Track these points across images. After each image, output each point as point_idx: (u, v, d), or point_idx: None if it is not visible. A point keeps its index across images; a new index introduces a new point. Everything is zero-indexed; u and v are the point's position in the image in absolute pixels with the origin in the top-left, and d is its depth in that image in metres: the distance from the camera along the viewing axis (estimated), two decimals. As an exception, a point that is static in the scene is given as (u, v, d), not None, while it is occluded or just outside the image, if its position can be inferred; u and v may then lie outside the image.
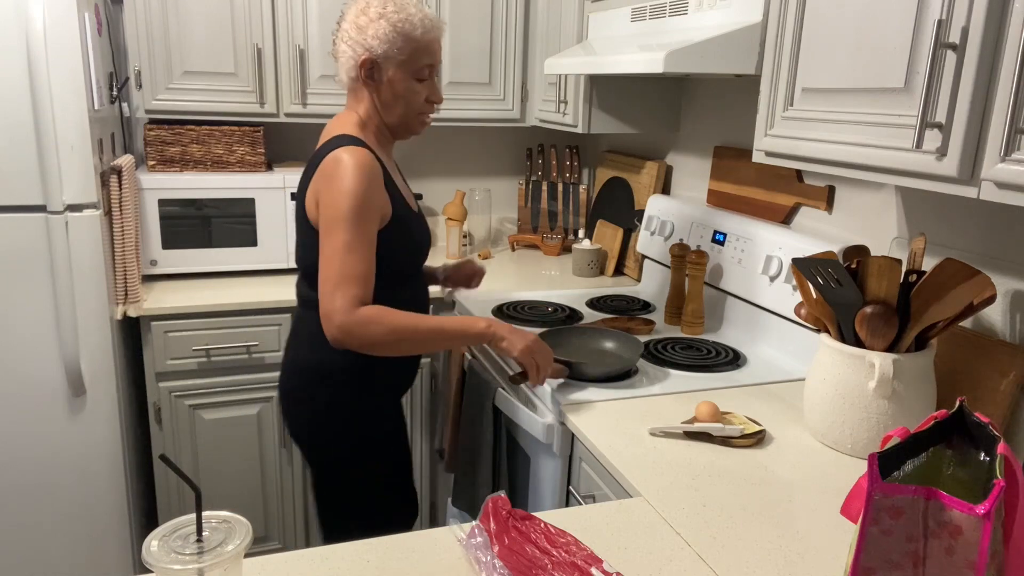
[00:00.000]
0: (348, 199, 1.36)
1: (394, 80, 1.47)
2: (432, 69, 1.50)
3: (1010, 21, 0.98)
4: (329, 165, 1.40)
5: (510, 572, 0.96)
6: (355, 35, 1.45)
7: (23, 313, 1.89)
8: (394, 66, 1.46)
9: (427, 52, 1.47)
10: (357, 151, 1.40)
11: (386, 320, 1.37)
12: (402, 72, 1.47)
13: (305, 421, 1.56)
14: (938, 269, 1.24)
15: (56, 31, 1.77)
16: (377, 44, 1.43)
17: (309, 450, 1.59)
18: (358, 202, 1.37)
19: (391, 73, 1.46)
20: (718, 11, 1.61)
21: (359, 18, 1.45)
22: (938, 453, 0.91)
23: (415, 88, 1.49)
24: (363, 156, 1.39)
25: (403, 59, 1.46)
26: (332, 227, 1.37)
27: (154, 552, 0.78)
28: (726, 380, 1.67)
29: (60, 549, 2.04)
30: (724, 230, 2.03)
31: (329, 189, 1.38)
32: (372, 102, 1.50)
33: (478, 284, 1.86)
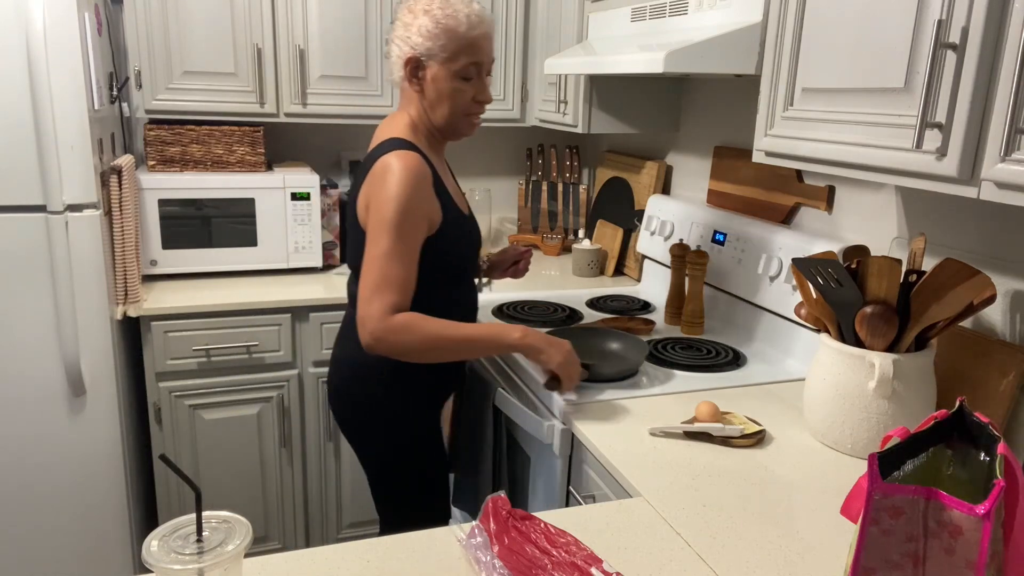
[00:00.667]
0: (394, 205, 1.35)
1: (438, 79, 1.43)
2: (479, 68, 1.45)
3: (1010, 21, 0.98)
4: (379, 170, 1.38)
5: (510, 572, 0.96)
6: (401, 32, 1.42)
7: (23, 313, 1.89)
8: (437, 64, 1.42)
9: (472, 49, 1.42)
10: (407, 156, 1.38)
11: (418, 328, 1.36)
12: (445, 70, 1.42)
13: (349, 416, 1.59)
14: (938, 269, 1.24)
15: (56, 31, 1.77)
16: (420, 41, 1.40)
17: (354, 444, 1.62)
18: (404, 209, 1.36)
19: (435, 71, 1.43)
20: (718, 11, 1.61)
21: (405, 15, 1.42)
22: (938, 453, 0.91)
23: (460, 87, 1.44)
24: (412, 161, 1.37)
25: (446, 56, 1.41)
26: (376, 233, 1.36)
27: (154, 552, 0.78)
28: (726, 380, 1.67)
29: (60, 549, 2.04)
30: (724, 230, 2.03)
31: (377, 195, 1.37)
32: (420, 104, 1.47)
33: (526, 267, 1.83)
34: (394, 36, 1.45)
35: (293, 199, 2.40)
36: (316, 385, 2.35)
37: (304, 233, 2.44)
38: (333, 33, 2.41)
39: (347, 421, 1.60)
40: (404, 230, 1.36)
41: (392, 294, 1.35)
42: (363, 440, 1.59)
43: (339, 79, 2.46)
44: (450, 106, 1.45)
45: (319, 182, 2.44)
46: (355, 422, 1.58)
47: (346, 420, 1.60)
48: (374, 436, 1.58)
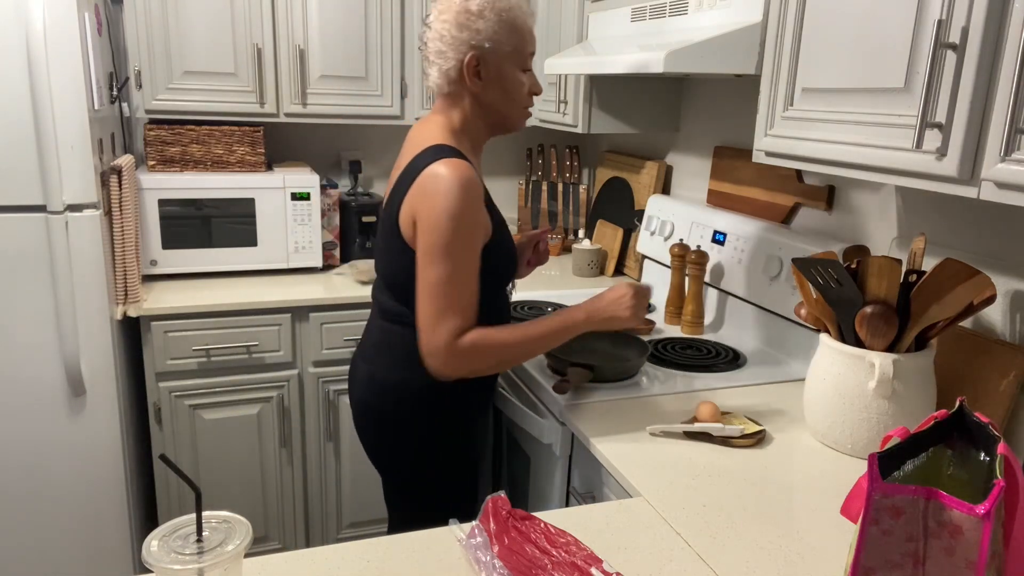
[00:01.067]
0: (451, 223, 1.28)
1: (503, 75, 1.39)
2: (533, 59, 1.44)
3: (1010, 21, 0.98)
4: (429, 182, 1.30)
5: (510, 572, 0.96)
6: (456, 33, 1.35)
7: (23, 313, 1.89)
8: (501, 60, 1.38)
9: (531, 40, 1.41)
10: (458, 165, 1.30)
11: (488, 346, 1.33)
12: (509, 65, 1.39)
13: (381, 434, 1.50)
14: (938, 269, 1.24)
15: (56, 31, 1.77)
16: (484, 39, 1.36)
17: (381, 463, 1.54)
18: (459, 226, 1.28)
19: (499, 68, 1.39)
20: (718, 11, 1.61)
21: (460, 15, 1.35)
22: (938, 453, 0.91)
23: (522, 79, 1.42)
24: (464, 171, 1.30)
25: (509, 51, 1.38)
26: (434, 255, 1.29)
27: (154, 552, 0.78)
28: (726, 380, 1.67)
29: (60, 549, 2.04)
30: (724, 230, 2.03)
31: (430, 210, 1.29)
32: (473, 103, 1.41)
33: (547, 248, 1.71)
34: (444, 38, 1.37)
35: (293, 199, 2.40)
36: (316, 385, 2.35)
37: (304, 233, 2.44)
38: (333, 33, 2.41)
39: (378, 440, 1.51)
40: (464, 249, 1.30)
41: (455, 319, 1.30)
42: (392, 459, 1.51)
43: (339, 79, 2.46)
44: (514, 100, 1.42)
45: (319, 182, 2.44)
46: (387, 441, 1.49)
47: (376, 439, 1.51)
48: (405, 456, 1.49)
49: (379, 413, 1.48)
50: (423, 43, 1.42)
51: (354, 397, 1.54)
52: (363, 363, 1.52)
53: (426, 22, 1.42)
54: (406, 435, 1.47)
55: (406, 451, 1.48)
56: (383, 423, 1.48)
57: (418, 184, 1.32)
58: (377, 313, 1.51)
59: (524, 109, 1.45)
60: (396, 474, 1.53)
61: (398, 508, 1.58)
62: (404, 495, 1.55)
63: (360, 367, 1.53)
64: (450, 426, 1.47)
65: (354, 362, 1.57)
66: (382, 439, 1.50)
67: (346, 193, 2.69)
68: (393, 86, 2.52)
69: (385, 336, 1.47)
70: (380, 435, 1.50)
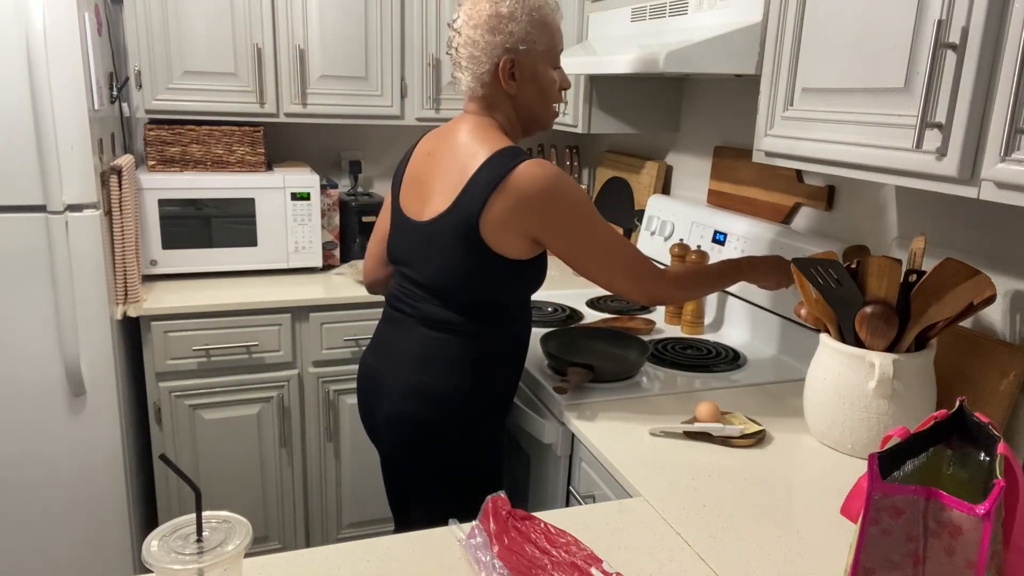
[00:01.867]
0: (584, 210, 1.36)
1: (537, 74, 1.40)
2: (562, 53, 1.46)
3: (1010, 21, 0.98)
4: (527, 184, 1.30)
5: (510, 572, 0.96)
6: (490, 38, 1.35)
7: (23, 313, 1.89)
8: (536, 60, 1.39)
9: (560, 36, 1.42)
10: (543, 163, 1.33)
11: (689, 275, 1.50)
12: (543, 64, 1.40)
13: (424, 445, 1.45)
14: (938, 269, 1.24)
15: (56, 31, 1.77)
16: (518, 41, 1.36)
17: (408, 470, 1.50)
18: (589, 207, 1.37)
19: (534, 68, 1.39)
20: (718, 11, 1.61)
21: (492, 20, 1.34)
22: (938, 453, 0.91)
23: (554, 77, 1.43)
24: (547, 164, 1.34)
25: (543, 50, 1.39)
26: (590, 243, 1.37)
27: (154, 552, 0.78)
28: (726, 380, 1.67)
29: (60, 549, 2.04)
30: (724, 230, 2.03)
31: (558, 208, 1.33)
32: (509, 104, 1.42)
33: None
34: (476, 42, 1.36)
35: (293, 199, 2.40)
36: (316, 385, 2.35)
37: (304, 233, 2.44)
38: (333, 33, 2.41)
39: (420, 448, 1.45)
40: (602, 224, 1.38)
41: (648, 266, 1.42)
42: (435, 466, 1.46)
43: (339, 79, 2.46)
44: (547, 98, 1.44)
45: (319, 182, 2.44)
46: (432, 449, 1.45)
47: (420, 448, 1.45)
48: (448, 462, 1.46)
49: (427, 423, 1.43)
50: (453, 48, 1.41)
51: (385, 408, 1.47)
52: (402, 372, 1.45)
53: (454, 27, 1.41)
54: (452, 441, 1.43)
55: (449, 457, 1.44)
56: (429, 431, 1.43)
57: (515, 190, 1.30)
58: (417, 322, 1.44)
59: (553, 106, 1.46)
60: (434, 479, 1.47)
61: (424, 510, 1.51)
62: (433, 499, 1.49)
63: (396, 377, 1.45)
64: (491, 429, 1.48)
65: (380, 372, 1.50)
66: (426, 447, 1.44)
67: (346, 193, 2.69)
68: (393, 86, 2.52)
69: (433, 345, 1.42)
70: (424, 444, 1.44)
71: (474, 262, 1.35)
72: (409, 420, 1.43)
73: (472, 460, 1.47)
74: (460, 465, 1.46)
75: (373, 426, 1.55)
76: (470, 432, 1.45)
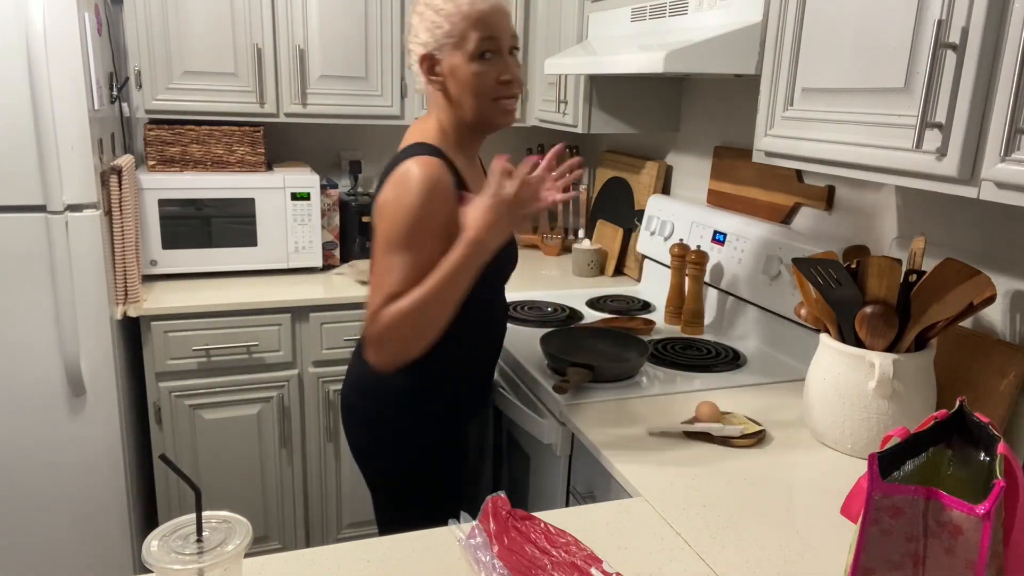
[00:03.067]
0: (408, 218, 1.25)
1: (455, 68, 1.32)
2: (496, 43, 1.31)
3: (1010, 21, 0.98)
4: (396, 176, 1.30)
5: (509, 572, 0.96)
6: (411, 35, 1.36)
7: (23, 313, 1.89)
8: (448, 52, 1.32)
9: (481, 24, 1.30)
10: (428, 162, 1.28)
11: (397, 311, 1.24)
12: (459, 55, 1.31)
13: (356, 435, 1.50)
14: (938, 269, 1.24)
15: (56, 31, 1.77)
16: (428, 35, 1.33)
17: (361, 464, 1.54)
18: (415, 219, 1.25)
19: (450, 61, 1.32)
20: (718, 11, 1.61)
21: (412, 16, 1.36)
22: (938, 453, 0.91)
23: (479, 69, 1.31)
24: (432, 168, 1.27)
25: (455, 41, 1.31)
26: (385, 245, 1.27)
27: (154, 552, 0.78)
28: (726, 380, 1.67)
29: (60, 549, 2.04)
30: (724, 230, 2.03)
31: (393, 202, 1.28)
32: (445, 102, 1.37)
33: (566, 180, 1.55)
34: (407, 42, 1.39)
35: (293, 199, 2.40)
36: (316, 385, 2.35)
37: (304, 233, 2.44)
38: (333, 33, 2.41)
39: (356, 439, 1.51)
40: (414, 242, 1.26)
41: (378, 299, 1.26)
42: (370, 461, 1.51)
43: (339, 79, 2.46)
44: (474, 93, 1.33)
45: (319, 182, 2.44)
46: (364, 440, 1.50)
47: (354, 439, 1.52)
48: (383, 457, 1.49)
49: (350, 408, 1.51)
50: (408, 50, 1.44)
51: (343, 401, 1.55)
52: (349, 365, 1.54)
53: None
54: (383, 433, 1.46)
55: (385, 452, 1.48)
56: (354, 417, 1.50)
57: (389, 178, 1.31)
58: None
59: (495, 102, 1.34)
60: (378, 479, 1.52)
61: (376, 507, 1.58)
62: (378, 492, 1.54)
63: (348, 369, 1.55)
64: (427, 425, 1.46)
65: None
66: (353, 432, 1.52)
67: (346, 193, 2.69)
68: (393, 86, 2.52)
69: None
70: (351, 428, 1.52)
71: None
72: (343, 403, 1.53)
73: (414, 467, 1.47)
74: (402, 471, 1.47)
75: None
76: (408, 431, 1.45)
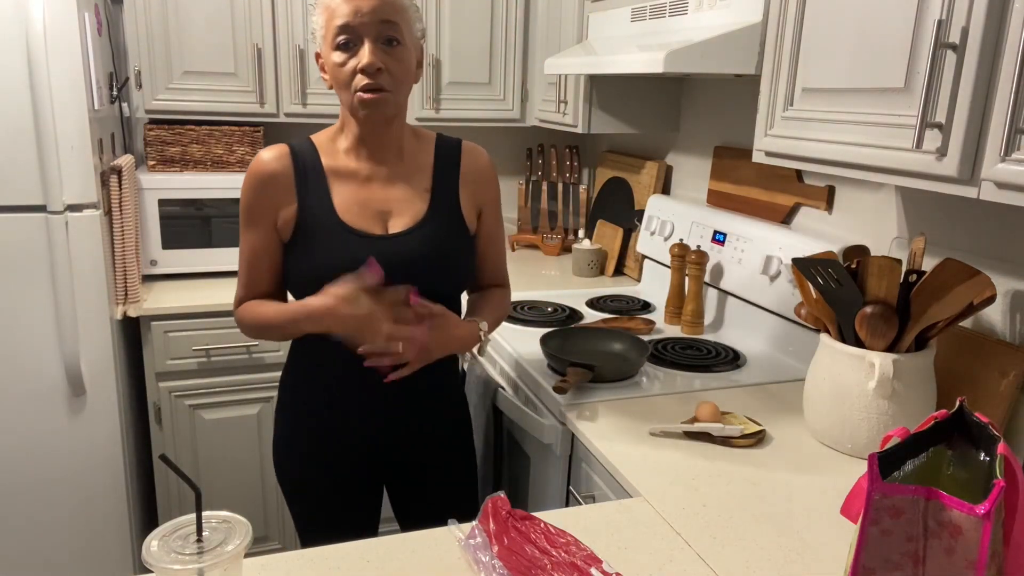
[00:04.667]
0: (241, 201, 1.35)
1: (326, 60, 1.29)
2: (351, 31, 1.23)
3: (1010, 21, 0.98)
4: None
5: (509, 572, 0.96)
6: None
7: (23, 313, 1.89)
8: (324, 45, 1.28)
9: (337, 13, 1.24)
10: (266, 149, 1.34)
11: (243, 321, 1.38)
12: (326, 47, 1.28)
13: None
14: (938, 269, 1.24)
15: (56, 31, 1.77)
16: (315, 32, 1.31)
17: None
18: (242, 204, 1.34)
19: (324, 54, 1.29)
20: (718, 11, 1.61)
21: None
22: (938, 453, 0.91)
23: (336, 60, 1.26)
24: (263, 154, 1.33)
25: (323, 33, 1.28)
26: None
27: (154, 552, 0.78)
28: (726, 380, 1.67)
29: (60, 549, 2.04)
30: (724, 230, 2.03)
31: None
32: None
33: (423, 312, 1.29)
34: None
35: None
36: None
37: (304, 233, 2.44)
38: (333, 33, 2.41)
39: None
40: (243, 226, 1.35)
41: (238, 289, 1.40)
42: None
43: (339, 79, 2.46)
44: (338, 84, 1.28)
45: (319, 182, 2.44)
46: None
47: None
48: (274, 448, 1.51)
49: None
50: None
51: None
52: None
53: None
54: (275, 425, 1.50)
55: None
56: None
57: None
58: None
59: (355, 93, 1.26)
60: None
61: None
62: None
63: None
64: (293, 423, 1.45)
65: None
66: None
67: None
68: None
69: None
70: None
71: None
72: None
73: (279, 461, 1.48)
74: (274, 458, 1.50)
75: None
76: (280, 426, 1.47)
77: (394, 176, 1.37)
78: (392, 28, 1.25)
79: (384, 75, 1.25)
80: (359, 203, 1.33)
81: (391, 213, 1.35)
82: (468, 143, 1.44)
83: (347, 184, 1.34)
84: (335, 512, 1.45)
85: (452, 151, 1.42)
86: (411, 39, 1.30)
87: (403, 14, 1.27)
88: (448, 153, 1.41)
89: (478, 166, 1.42)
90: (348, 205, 1.32)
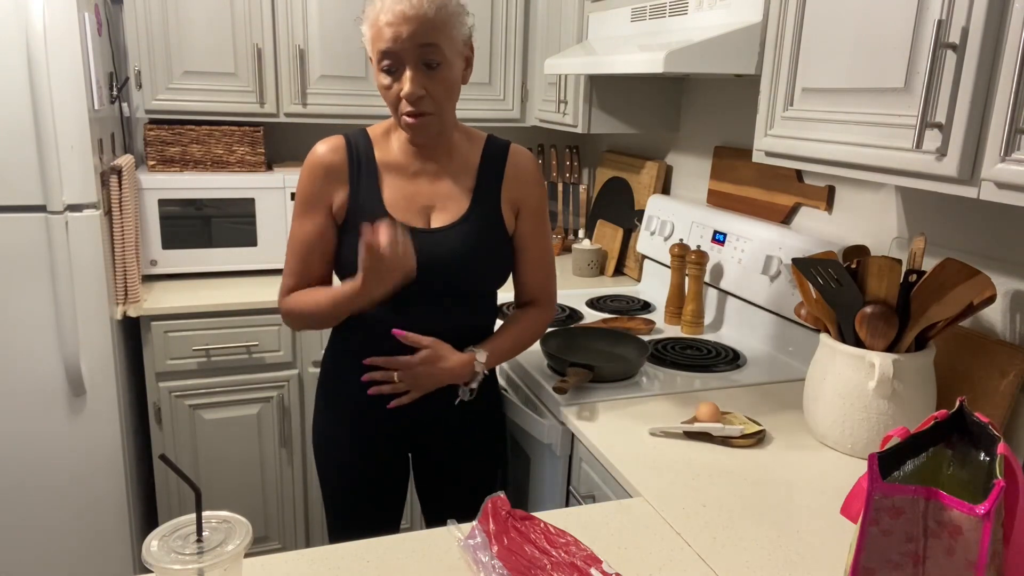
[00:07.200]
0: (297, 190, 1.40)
1: (374, 74, 1.32)
2: (395, 57, 1.25)
3: (1010, 21, 0.98)
4: None
5: (509, 572, 0.96)
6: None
7: (23, 313, 1.89)
8: (371, 53, 1.31)
9: (379, 39, 1.25)
10: (321, 142, 1.39)
11: (289, 310, 1.42)
12: (374, 63, 1.31)
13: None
14: (938, 269, 1.24)
15: (56, 31, 1.77)
16: (363, 36, 1.32)
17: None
18: (298, 194, 1.39)
19: (373, 66, 1.32)
20: (718, 11, 1.61)
21: None
22: (938, 453, 0.91)
23: (383, 82, 1.29)
24: (318, 147, 1.38)
25: (370, 48, 1.29)
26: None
27: (154, 552, 0.78)
28: (726, 380, 1.67)
29: (60, 549, 2.04)
30: (724, 230, 2.03)
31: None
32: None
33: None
34: None
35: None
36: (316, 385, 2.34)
37: (304, 233, 2.44)
38: (333, 33, 2.41)
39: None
40: (296, 215, 1.40)
41: (285, 279, 1.44)
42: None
43: (339, 79, 2.46)
44: (386, 102, 1.32)
45: (319, 182, 2.44)
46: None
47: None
48: (313, 438, 1.60)
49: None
50: None
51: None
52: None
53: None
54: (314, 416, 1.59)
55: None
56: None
57: None
58: None
59: (400, 116, 1.30)
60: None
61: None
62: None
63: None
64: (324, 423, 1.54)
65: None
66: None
67: (346, 193, 2.68)
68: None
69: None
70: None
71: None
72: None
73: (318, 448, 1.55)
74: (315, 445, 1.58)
75: None
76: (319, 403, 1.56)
77: (441, 173, 1.41)
78: (432, 51, 1.25)
79: (426, 100, 1.28)
80: (406, 197, 1.38)
81: (434, 208, 1.39)
82: (516, 146, 1.46)
83: (397, 178, 1.39)
84: (366, 478, 1.51)
85: (499, 152, 1.45)
86: (455, 52, 1.29)
87: (444, 31, 1.26)
88: (495, 154, 1.44)
89: (520, 168, 1.44)
90: (396, 199, 1.38)
